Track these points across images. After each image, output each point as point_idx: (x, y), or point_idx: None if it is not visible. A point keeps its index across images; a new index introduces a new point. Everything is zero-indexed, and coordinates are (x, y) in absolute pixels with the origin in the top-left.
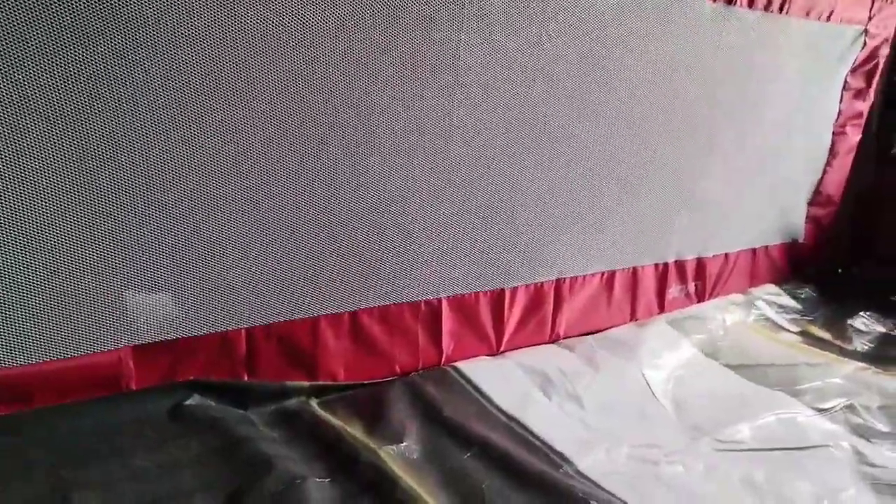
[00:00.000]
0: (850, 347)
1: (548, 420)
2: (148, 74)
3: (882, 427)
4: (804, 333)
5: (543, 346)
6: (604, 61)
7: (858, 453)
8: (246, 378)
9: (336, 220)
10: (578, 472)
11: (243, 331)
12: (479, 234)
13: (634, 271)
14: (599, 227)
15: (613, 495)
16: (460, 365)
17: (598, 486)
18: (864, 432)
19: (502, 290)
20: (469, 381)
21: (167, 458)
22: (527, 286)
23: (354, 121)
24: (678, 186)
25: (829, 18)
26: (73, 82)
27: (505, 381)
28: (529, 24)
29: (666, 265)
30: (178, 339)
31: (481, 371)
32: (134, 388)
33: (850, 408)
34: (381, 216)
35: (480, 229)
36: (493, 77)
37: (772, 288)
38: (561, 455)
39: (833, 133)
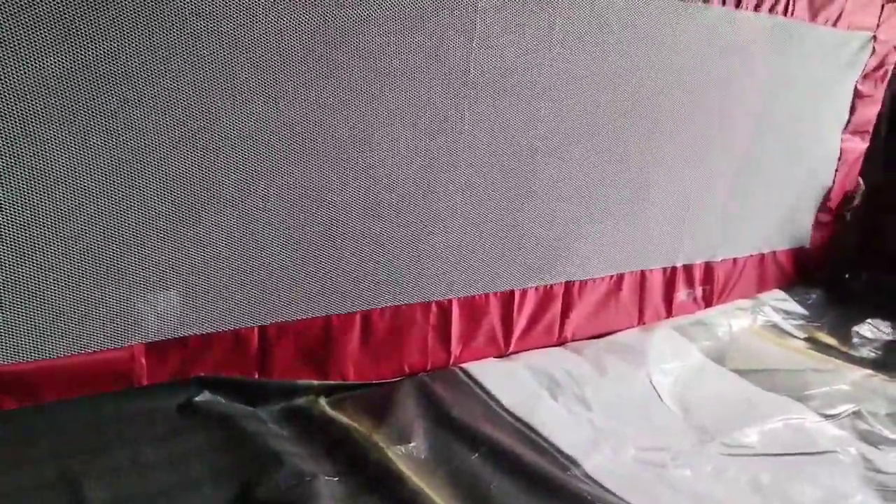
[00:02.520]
0: (856, 354)
1: (555, 422)
2: (165, 72)
3: (889, 434)
4: (810, 339)
5: (551, 348)
6: (609, 65)
7: (866, 459)
8: (257, 376)
9: (349, 220)
10: (586, 475)
11: (255, 329)
12: (490, 235)
13: (643, 275)
14: (609, 230)
15: (621, 498)
16: (468, 366)
17: (606, 489)
18: (871, 439)
19: (512, 292)
20: (477, 382)
21: (176, 451)
22: (536, 288)
23: (367, 124)
24: (687, 190)
25: (836, 24)
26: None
27: (513, 382)
28: (537, 34)
29: (674, 269)
30: (190, 336)
31: (489, 372)
32: (145, 384)
33: (858, 414)
34: (393, 218)
35: (491, 231)
36: (501, 82)
37: (779, 293)
38: (568, 457)
39: (842, 140)
